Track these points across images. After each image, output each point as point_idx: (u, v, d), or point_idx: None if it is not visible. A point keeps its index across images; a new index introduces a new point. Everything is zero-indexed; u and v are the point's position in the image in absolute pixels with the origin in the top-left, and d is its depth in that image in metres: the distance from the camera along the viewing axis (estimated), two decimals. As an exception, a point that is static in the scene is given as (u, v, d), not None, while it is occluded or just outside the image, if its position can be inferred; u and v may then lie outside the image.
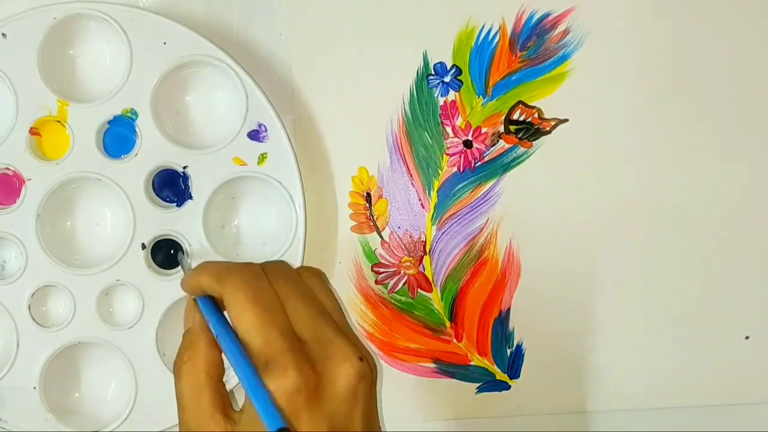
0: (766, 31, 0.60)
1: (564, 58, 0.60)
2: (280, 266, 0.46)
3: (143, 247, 0.57)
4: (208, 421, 0.43)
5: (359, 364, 0.42)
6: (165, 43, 0.56)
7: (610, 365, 0.61)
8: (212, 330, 0.44)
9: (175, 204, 0.58)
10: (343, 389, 0.41)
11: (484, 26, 0.59)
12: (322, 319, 0.43)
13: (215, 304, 0.45)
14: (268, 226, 0.59)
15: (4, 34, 0.55)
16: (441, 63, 0.59)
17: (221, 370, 0.44)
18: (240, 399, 0.45)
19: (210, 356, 0.44)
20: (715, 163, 0.60)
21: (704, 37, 0.60)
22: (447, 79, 0.59)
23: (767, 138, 0.61)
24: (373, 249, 0.60)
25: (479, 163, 0.60)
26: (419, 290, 0.60)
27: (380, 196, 0.60)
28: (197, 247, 0.57)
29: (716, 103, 0.60)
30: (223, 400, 0.44)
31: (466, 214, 0.60)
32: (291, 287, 0.44)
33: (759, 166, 0.60)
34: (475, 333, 0.61)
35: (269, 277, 0.44)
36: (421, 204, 0.60)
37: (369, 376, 0.42)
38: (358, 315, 0.60)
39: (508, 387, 0.61)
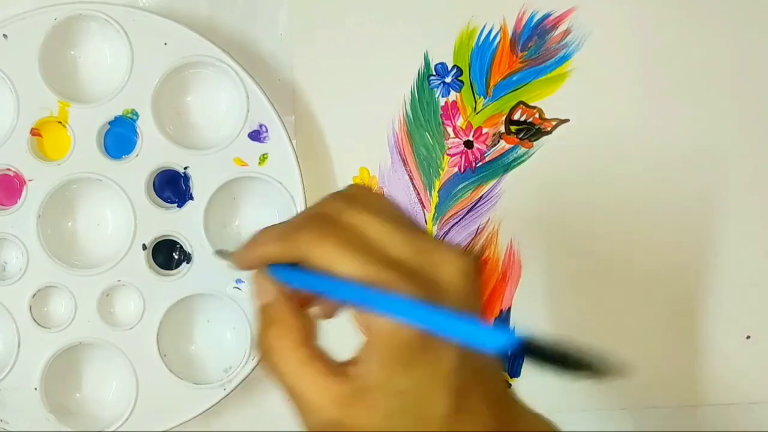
0: (766, 30, 0.60)
1: (565, 59, 0.60)
2: (334, 199, 0.41)
3: (144, 247, 0.57)
4: (322, 390, 0.38)
5: (468, 259, 0.39)
6: (166, 44, 0.56)
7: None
8: (308, 285, 0.40)
9: (176, 204, 0.57)
10: (460, 287, 0.38)
11: (485, 27, 0.59)
12: (411, 231, 0.39)
13: (287, 265, 0.41)
14: (269, 226, 0.59)
15: (5, 35, 0.55)
16: (442, 63, 0.59)
17: (314, 335, 0.40)
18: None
19: (301, 324, 0.40)
20: (717, 163, 0.60)
21: (705, 37, 0.60)
22: (448, 79, 0.59)
23: (768, 137, 0.61)
24: (374, 249, 0.60)
25: (480, 164, 0.60)
26: (420, 290, 0.60)
27: (381, 197, 0.60)
28: (198, 247, 0.57)
29: (717, 102, 0.60)
30: (328, 361, 0.40)
31: (467, 214, 0.60)
32: (363, 213, 0.39)
33: (761, 166, 0.60)
34: (475, 332, 0.61)
35: (334, 214, 0.40)
36: (422, 204, 0.60)
37: (479, 269, 0.40)
38: (358, 315, 0.60)
39: (508, 385, 0.61)
